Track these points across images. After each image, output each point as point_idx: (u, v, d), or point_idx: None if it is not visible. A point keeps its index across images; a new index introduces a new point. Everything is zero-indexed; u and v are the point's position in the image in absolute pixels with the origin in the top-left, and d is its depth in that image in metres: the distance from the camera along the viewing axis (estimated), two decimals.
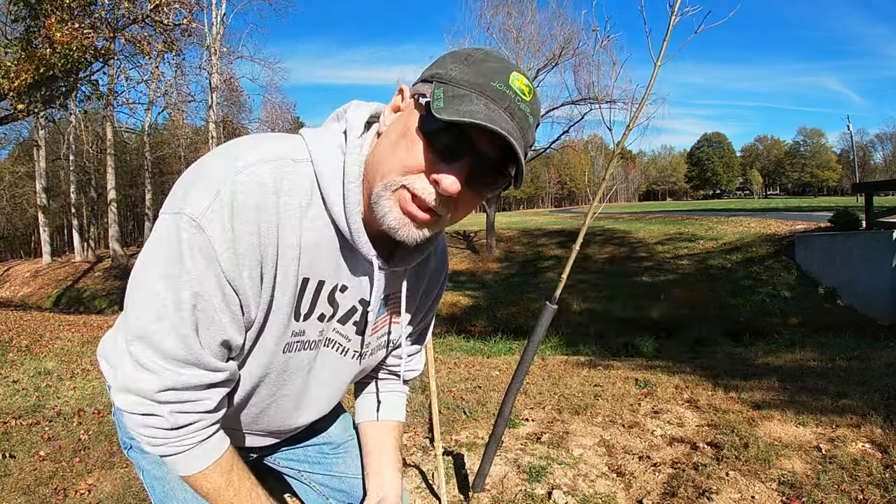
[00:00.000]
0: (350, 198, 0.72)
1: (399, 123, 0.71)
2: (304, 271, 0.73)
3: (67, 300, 19.89)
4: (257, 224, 0.66)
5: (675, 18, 1.07)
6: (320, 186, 0.72)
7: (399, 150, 0.68)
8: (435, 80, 0.67)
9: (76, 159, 26.73)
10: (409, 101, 0.71)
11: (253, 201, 0.66)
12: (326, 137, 0.75)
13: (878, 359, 4.45)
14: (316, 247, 0.73)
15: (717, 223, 17.82)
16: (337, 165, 0.72)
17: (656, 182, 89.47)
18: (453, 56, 0.70)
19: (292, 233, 0.70)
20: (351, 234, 0.73)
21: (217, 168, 0.67)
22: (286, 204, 0.69)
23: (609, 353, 6.99)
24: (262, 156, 0.68)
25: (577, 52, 16.89)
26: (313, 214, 0.72)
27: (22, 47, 7.43)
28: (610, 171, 1.57)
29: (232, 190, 0.65)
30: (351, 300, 0.82)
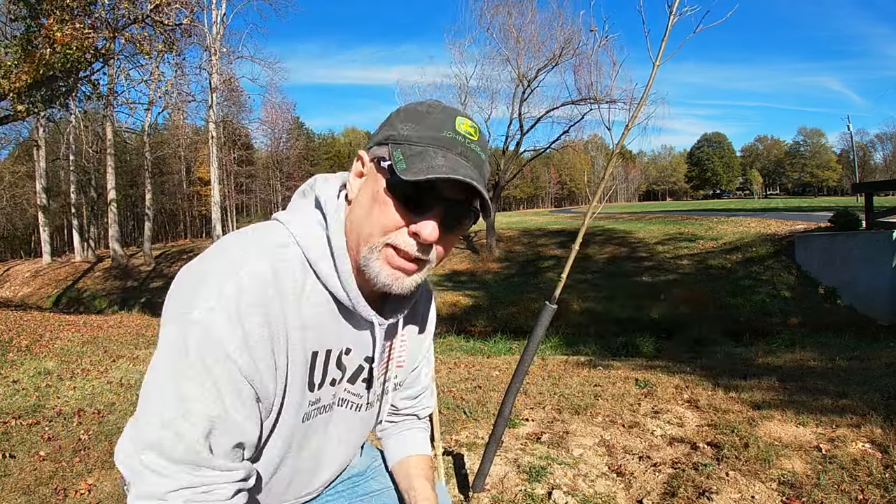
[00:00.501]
0: (342, 268, 0.76)
1: (367, 188, 0.76)
2: (311, 346, 0.78)
3: (67, 300, 19.89)
4: (266, 316, 0.70)
5: (674, 18, 1.07)
6: (311, 264, 0.76)
7: (374, 214, 0.73)
8: (390, 142, 0.74)
9: (76, 159, 26.73)
10: (371, 166, 0.76)
11: (257, 296, 0.69)
12: (303, 218, 0.79)
13: (878, 359, 4.45)
14: (318, 320, 0.77)
15: (717, 223, 17.83)
16: (321, 242, 0.77)
17: (656, 182, 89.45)
18: (400, 115, 0.76)
19: (296, 315, 0.74)
20: (351, 301, 0.78)
21: (216, 270, 0.70)
22: (286, 290, 0.73)
23: (609, 353, 6.99)
24: (255, 251, 0.72)
25: (577, 52, 16.89)
26: (310, 292, 0.76)
27: (22, 47, 7.42)
28: (610, 170, 1.57)
29: (235, 288, 0.68)
30: (357, 360, 0.86)
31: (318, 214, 0.79)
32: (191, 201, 48.29)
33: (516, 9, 17.60)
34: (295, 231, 0.76)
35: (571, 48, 16.95)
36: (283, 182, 50.83)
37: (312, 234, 0.77)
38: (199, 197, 46.38)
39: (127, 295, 19.05)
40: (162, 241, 42.86)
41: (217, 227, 22.38)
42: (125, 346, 5.92)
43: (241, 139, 45.48)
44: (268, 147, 49.65)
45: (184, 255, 24.26)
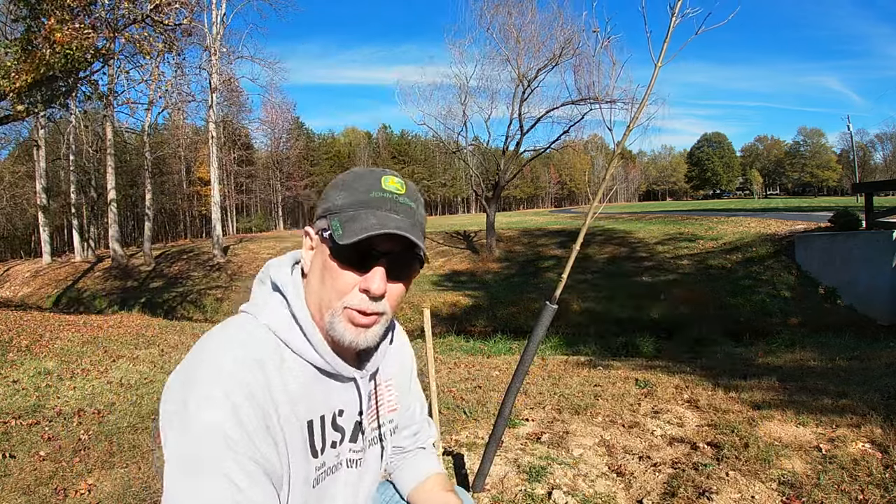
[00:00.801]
0: (313, 338, 0.82)
1: (317, 260, 0.84)
2: (304, 416, 0.83)
3: (67, 300, 19.89)
4: (252, 398, 0.75)
5: (676, 20, 1.07)
6: (284, 342, 0.82)
7: (327, 281, 0.81)
8: (328, 213, 0.82)
9: (76, 159, 26.71)
10: (317, 238, 0.84)
11: (240, 381, 0.74)
12: (265, 301, 0.85)
13: (878, 359, 4.45)
14: (304, 391, 0.83)
15: (717, 223, 17.83)
16: (288, 320, 0.83)
17: (656, 182, 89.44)
18: (333, 186, 0.84)
19: (282, 391, 0.79)
20: (329, 364, 0.84)
21: (200, 374, 0.75)
22: (267, 370, 0.78)
23: (609, 353, 6.99)
24: (229, 344, 0.78)
25: (578, 52, 16.89)
26: (290, 367, 0.82)
27: (22, 47, 7.42)
28: (610, 171, 1.57)
29: (221, 384, 0.73)
30: (352, 419, 0.92)
31: (278, 296, 0.85)
32: (191, 201, 48.27)
33: (516, 9, 17.61)
34: (262, 317, 0.83)
35: (571, 48, 16.96)
36: (282, 182, 50.87)
37: (278, 314, 0.83)
38: (199, 197, 46.35)
39: (127, 295, 19.05)
40: (162, 241, 42.83)
41: (217, 228, 22.38)
42: (125, 346, 5.92)
43: (241, 139, 45.49)
44: (268, 147, 49.67)
45: (184, 255, 24.27)
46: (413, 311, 12.61)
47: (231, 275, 20.56)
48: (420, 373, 4.37)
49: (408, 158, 69.01)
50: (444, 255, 20.32)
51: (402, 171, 68.21)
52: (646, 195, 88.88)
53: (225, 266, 21.62)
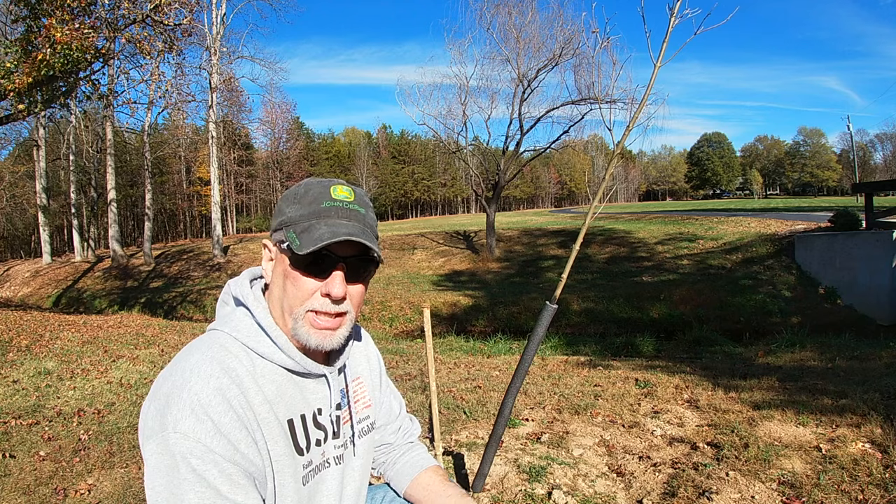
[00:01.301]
0: (279, 340, 0.86)
1: (277, 270, 0.88)
2: (284, 416, 0.86)
3: (67, 300, 19.89)
4: (227, 403, 0.78)
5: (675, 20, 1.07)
6: (252, 349, 0.85)
7: (289, 289, 0.85)
8: (283, 226, 0.86)
9: (76, 159, 26.72)
10: (275, 249, 0.89)
11: (214, 390, 0.77)
12: (230, 314, 0.89)
13: (878, 359, 4.45)
14: (279, 392, 0.86)
15: (717, 223, 17.83)
16: (253, 328, 0.87)
17: (656, 182, 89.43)
18: (286, 200, 0.88)
19: (257, 393, 0.82)
20: (299, 364, 0.87)
21: (174, 387, 0.78)
22: (240, 376, 0.81)
23: (609, 353, 6.98)
24: (199, 358, 0.81)
25: (578, 52, 16.90)
26: (260, 371, 0.85)
27: (22, 48, 7.42)
28: (610, 171, 1.57)
29: (193, 392, 0.76)
30: (330, 416, 0.94)
31: (242, 309, 0.89)
32: (191, 201, 48.28)
33: (516, 9, 17.62)
34: (228, 329, 0.86)
35: (571, 48, 16.97)
36: (282, 182, 50.82)
37: (243, 324, 0.87)
38: (199, 197, 46.37)
39: (127, 295, 19.05)
40: (162, 241, 42.85)
41: (217, 227, 22.39)
42: (125, 346, 5.92)
43: (241, 139, 45.52)
44: (268, 147, 49.65)
45: (184, 255, 24.27)
46: (413, 311, 12.61)
47: (231, 275, 20.51)
48: (420, 373, 4.40)
49: (408, 158, 69.01)
50: (444, 255, 20.31)
51: (402, 171, 68.25)
52: (646, 195, 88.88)
53: (225, 266, 21.63)
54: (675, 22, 1.07)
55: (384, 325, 12.19)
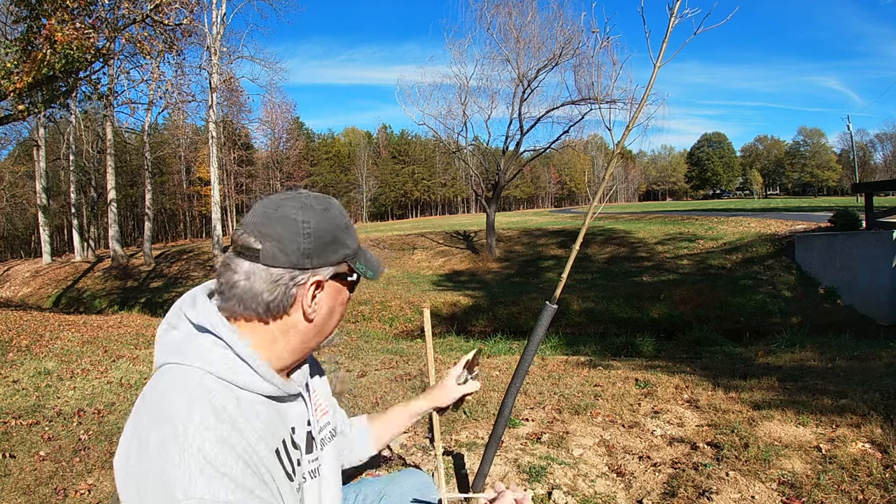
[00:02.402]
0: (261, 368, 0.79)
1: (326, 304, 0.85)
2: (273, 447, 0.80)
3: (67, 300, 19.89)
4: (234, 451, 0.71)
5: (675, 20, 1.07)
6: (229, 381, 0.77)
7: (336, 316, 0.88)
8: (348, 259, 0.85)
9: (76, 159, 26.73)
10: (332, 283, 0.84)
11: (216, 441, 0.70)
12: (191, 344, 0.78)
13: (878, 359, 4.45)
14: (264, 422, 0.80)
15: (717, 223, 17.83)
16: (227, 357, 0.78)
17: (656, 182, 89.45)
18: (343, 231, 0.84)
19: (252, 432, 0.75)
20: (280, 389, 0.83)
21: (166, 448, 0.68)
22: (234, 418, 0.74)
23: (609, 353, 6.98)
24: (183, 405, 0.71)
25: (578, 52, 16.90)
26: (245, 405, 0.77)
27: (22, 48, 7.42)
28: (609, 170, 1.57)
29: (196, 449, 0.68)
30: (303, 432, 0.91)
31: (209, 337, 0.78)
32: (191, 201, 48.32)
33: (516, 9, 17.63)
34: (198, 363, 0.76)
35: (571, 48, 16.97)
36: (282, 182, 50.84)
37: (214, 355, 0.77)
38: (199, 197, 46.41)
39: (127, 295, 19.05)
40: (162, 241, 42.88)
41: (217, 227, 22.37)
42: (125, 346, 5.92)
43: (241, 139, 45.51)
44: (268, 147, 49.68)
45: (184, 255, 24.27)
46: (413, 311, 12.61)
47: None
48: (420, 373, 4.39)
49: (408, 158, 69.02)
50: (444, 255, 20.31)
51: (402, 171, 68.24)
52: (646, 195, 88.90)
53: None
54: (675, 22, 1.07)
55: (384, 325, 12.19)
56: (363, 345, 6.65)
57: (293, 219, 0.79)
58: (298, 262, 0.79)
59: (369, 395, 3.74)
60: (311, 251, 0.79)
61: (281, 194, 0.84)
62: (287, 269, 0.78)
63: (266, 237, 0.78)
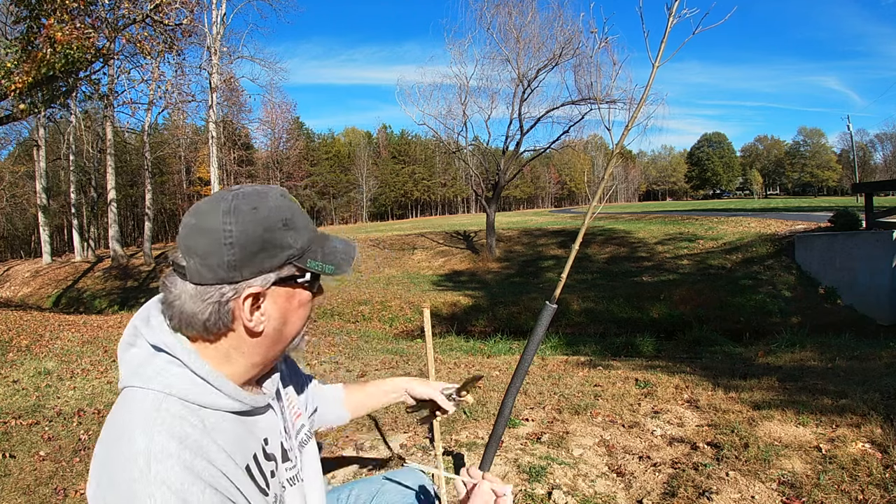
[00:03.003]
0: (225, 387, 0.76)
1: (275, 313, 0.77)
2: (242, 464, 0.77)
3: (67, 300, 19.89)
4: (200, 479, 0.68)
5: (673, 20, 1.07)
6: (193, 402, 0.74)
7: (295, 322, 0.80)
8: (293, 259, 0.76)
9: (76, 159, 26.72)
10: (277, 289, 0.77)
11: (181, 471, 0.67)
12: (148, 366, 0.75)
13: (878, 359, 4.45)
14: (232, 439, 0.77)
15: (717, 223, 17.83)
16: (187, 377, 0.75)
17: (656, 182, 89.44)
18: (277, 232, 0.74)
19: (219, 453, 0.72)
20: (246, 405, 0.80)
21: (131, 481, 0.66)
22: (195, 442, 0.71)
23: (609, 353, 6.98)
24: (144, 435, 0.69)
25: (578, 52, 16.90)
26: (211, 425, 0.74)
27: (23, 47, 7.43)
28: (609, 170, 1.57)
29: (161, 481, 0.66)
30: (277, 442, 0.88)
31: (165, 356, 0.75)
32: (191, 201, 48.23)
33: (516, 9, 17.62)
34: (158, 386, 0.73)
35: (571, 48, 16.97)
36: (283, 182, 50.82)
37: (177, 377, 0.74)
38: (199, 197, 46.26)
39: (127, 295, 19.05)
40: (162, 241, 42.87)
41: None
42: None
43: (241, 139, 45.50)
44: (268, 147, 49.66)
45: None
46: (413, 311, 12.61)
47: None
48: (420, 373, 4.39)
49: (408, 158, 69.01)
50: (444, 255, 20.31)
51: (402, 171, 68.25)
52: (646, 195, 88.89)
53: None
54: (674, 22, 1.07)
55: (384, 325, 12.18)
56: (363, 345, 6.66)
57: (214, 228, 0.72)
58: (226, 276, 0.72)
59: None
60: (236, 262, 0.72)
61: (211, 197, 0.76)
62: (215, 286, 0.72)
63: (190, 252, 0.72)
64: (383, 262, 19.80)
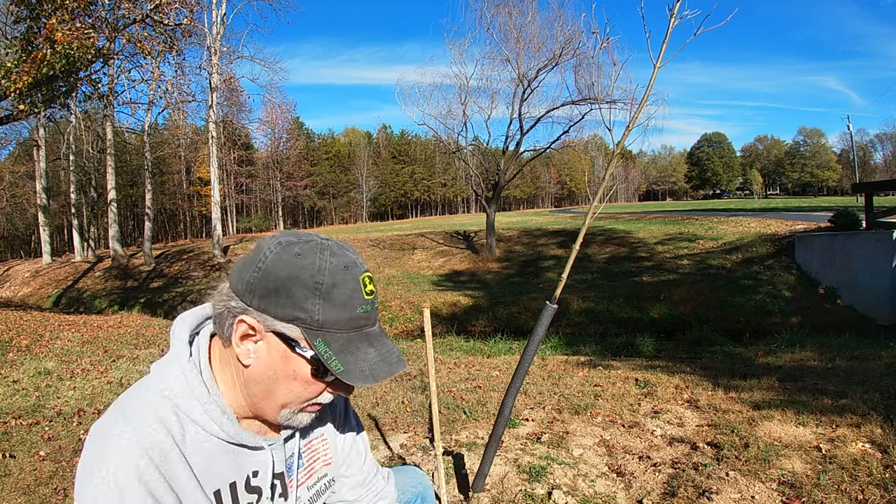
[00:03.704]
0: (214, 414, 0.76)
1: (268, 362, 0.74)
2: (211, 487, 0.77)
3: (67, 300, 19.89)
4: (145, 489, 0.70)
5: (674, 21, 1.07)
6: (185, 412, 0.75)
7: (294, 390, 0.75)
8: (301, 325, 0.71)
9: (76, 159, 26.73)
10: (271, 337, 0.73)
11: (131, 473, 0.69)
12: (172, 365, 0.78)
13: (878, 359, 4.45)
14: (209, 462, 0.77)
15: (717, 223, 17.83)
16: (189, 388, 0.76)
17: (656, 182, 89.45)
18: (302, 286, 0.70)
19: (183, 467, 0.73)
20: (232, 438, 0.78)
21: (94, 458, 0.71)
22: (161, 452, 0.72)
23: (609, 353, 6.98)
24: (122, 428, 0.72)
25: (578, 52, 16.90)
26: (191, 439, 0.75)
27: (23, 47, 7.43)
28: (610, 171, 1.57)
29: (112, 472, 0.69)
30: (267, 479, 0.85)
31: (185, 362, 0.78)
32: (191, 201, 48.31)
33: (517, 9, 17.61)
34: (164, 387, 0.76)
35: (572, 48, 16.96)
36: (283, 182, 50.86)
37: (179, 384, 0.76)
38: (199, 197, 46.39)
39: (127, 295, 19.05)
40: (162, 241, 42.87)
41: (217, 227, 22.39)
42: (125, 346, 5.92)
43: (241, 139, 45.51)
44: (268, 147, 49.68)
45: (184, 255, 24.27)
46: (413, 311, 12.61)
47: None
48: (420, 373, 4.38)
49: (408, 158, 69.00)
50: (444, 255, 20.32)
51: (402, 171, 68.24)
52: (646, 195, 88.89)
53: (225, 266, 21.62)
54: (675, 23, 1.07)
55: (384, 325, 12.19)
56: None
57: (261, 249, 0.74)
58: (242, 292, 0.73)
59: (369, 395, 3.74)
60: (254, 287, 0.72)
61: (305, 233, 0.78)
62: (232, 292, 0.75)
63: (240, 258, 0.78)
64: (383, 262, 19.81)
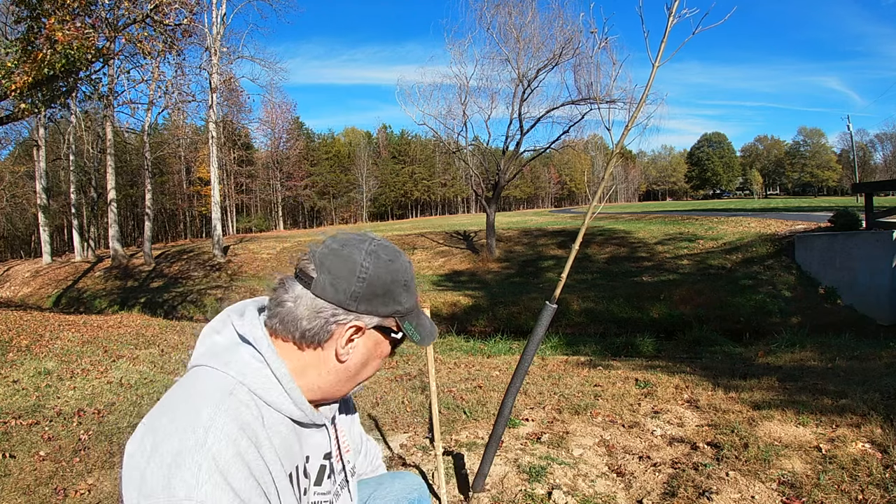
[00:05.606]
0: (294, 392, 0.82)
1: (363, 350, 0.86)
2: (288, 469, 0.82)
3: (67, 300, 19.89)
4: (248, 468, 0.72)
5: (673, 20, 1.07)
6: (260, 397, 0.79)
7: (370, 368, 0.89)
8: (398, 316, 0.86)
9: (76, 159, 26.74)
10: (372, 332, 0.86)
11: (233, 455, 0.71)
12: (232, 355, 0.81)
13: (878, 359, 4.45)
14: (285, 444, 0.82)
15: (717, 223, 17.83)
16: (264, 375, 0.80)
17: (656, 182, 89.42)
18: (398, 286, 0.85)
19: (270, 450, 0.77)
20: (307, 415, 0.85)
21: (185, 445, 0.69)
22: (256, 434, 0.75)
23: (609, 353, 6.99)
24: (209, 410, 0.73)
25: (578, 52, 16.89)
26: (269, 422, 0.79)
27: (23, 47, 7.42)
28: (609, 170, 1.57)
29: (212, 456, 0.69)
30: (317, 462, 0.92)
31: (249, 349, 0.82)
32: (191, 201, 48.30)
33: (517, 9, 17.62)
34: (234, 372, 0.79)
35: (571, 48, 16.96)
36: (283, 182, 50.91)
37: (252, 369, 0.80)
38: (199, 197, 46.38)
39: (127, 295, 19.05)
40: (162, 241, 42.86)
41: (217, 227, 22.39)
42: (125, 346, 5.92)
43: (241, 139, 45.55)
44: (268, 147, 49.72)
45: (184, 255, 24.27)
46: None
47: (231, 275, 20.57)
48: (420, 373, 4.39)
49: (408, 158, 69.00)
50: (444, 255, 20.31)
51: (402, 171, 68.21)
52: (646, 195, 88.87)
53: (225, 266, 21.63)
54: (674, 22, 1.07)
55: None
56: None
57: (354, 260, 0.81)
58: (344, 302, 0.81)
59: (369, 395, 3.74)
60: (360, 295, 0.81)
61: (356, 234, 0.87)
62: (332, 305, 0.81)
63: (324, 269, 0.81)
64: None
